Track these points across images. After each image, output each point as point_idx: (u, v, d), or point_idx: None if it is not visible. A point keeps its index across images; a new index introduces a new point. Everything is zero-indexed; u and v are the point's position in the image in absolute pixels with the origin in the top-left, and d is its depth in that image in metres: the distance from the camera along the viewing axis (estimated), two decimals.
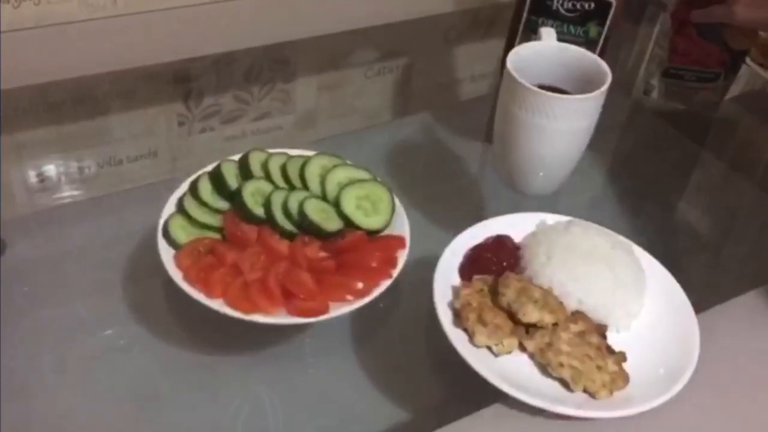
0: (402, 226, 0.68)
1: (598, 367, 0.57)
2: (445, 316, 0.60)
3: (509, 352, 0.59)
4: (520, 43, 0.79)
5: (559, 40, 0.76)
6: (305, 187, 0.70)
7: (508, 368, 0.58)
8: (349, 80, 1.04)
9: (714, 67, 0.91)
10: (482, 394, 0.56)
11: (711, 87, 0.93)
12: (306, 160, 0.72)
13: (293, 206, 0.67)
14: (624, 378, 0.58)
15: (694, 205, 0.87)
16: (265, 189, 0.69)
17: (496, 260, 0.65)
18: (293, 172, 0.71)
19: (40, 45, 0.84)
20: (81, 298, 0.67)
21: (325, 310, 0.60)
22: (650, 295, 0.64)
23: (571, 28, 0.79)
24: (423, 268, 0.63)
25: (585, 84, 0.71)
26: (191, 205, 0.67)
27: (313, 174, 0.71)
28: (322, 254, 0.65)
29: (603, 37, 0.79)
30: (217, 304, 0.60)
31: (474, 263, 0.65)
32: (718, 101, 0.95)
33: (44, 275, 0.69)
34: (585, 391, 0.57)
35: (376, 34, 1.02)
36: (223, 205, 0.68)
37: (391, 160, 0.85)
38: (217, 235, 0.67)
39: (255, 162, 0.70)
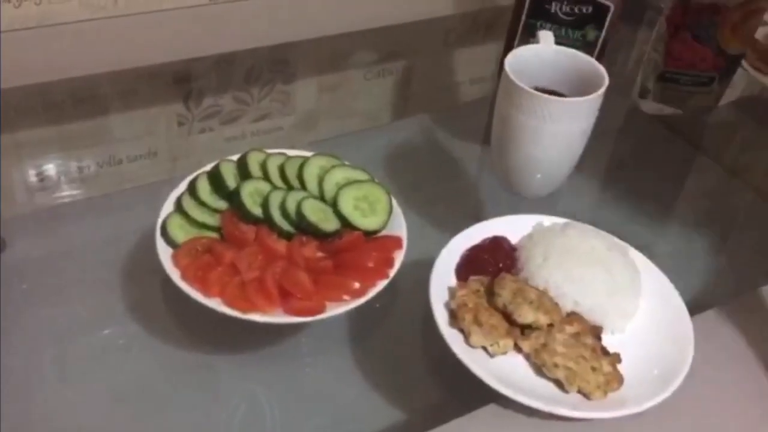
0: (399, 226, 0.68)
1: (593, 369, 0.58)
2: (441, 317, 0.60)
3: (504, 353, 0.59)
4: (518, 46, 0.79)
5: (557, 43, 0.76)
6: (303, 187, 0.70)
7: (503, 369, 0.58)
8: (348, 82, 1.04)
9: (708, 71, 0.91)
10: (477, 394, 0.57)
11: (706, 91, 0.93)
12: (304, 161, 0.72)
13: (291, 206, 0.67)
14: (618, 379, 0.58)
15: (689, 208, 0.87)
16: (264, 189, 0.69)
17: (492, 261, 0.66)
18: (291, 173, 0.71)
19: (40, 45, 0.85)
20: (80, 296, 0.67)
21: (321, 310, 0.61)
22: (645, 297, 0.65)
23: (569, 31, 0.80)
24: (420, 269, 0.63)
25: (582, 87, 0.71)
26: (189, 205, 0.68)
27: (311, 174, 0.71)
28: (320, 254, 0.66)
29: (601, 40, 0.80)
30: (215, 303, 0.60)
31: (470, 264, 0.65)
32: (714, 105, 0.95)
33: (44, 274, 0.69)
34: (579, 391, 0.57)
35: (375, 36, 1.03)
36: (221, 204, 0.68)
37: (389, 161, 0.85)
38: (215, 235, 0.67)
39: (253, 162, 0.71)
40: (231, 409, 0.60)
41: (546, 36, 0.76)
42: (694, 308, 0.63)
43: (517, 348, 0.60)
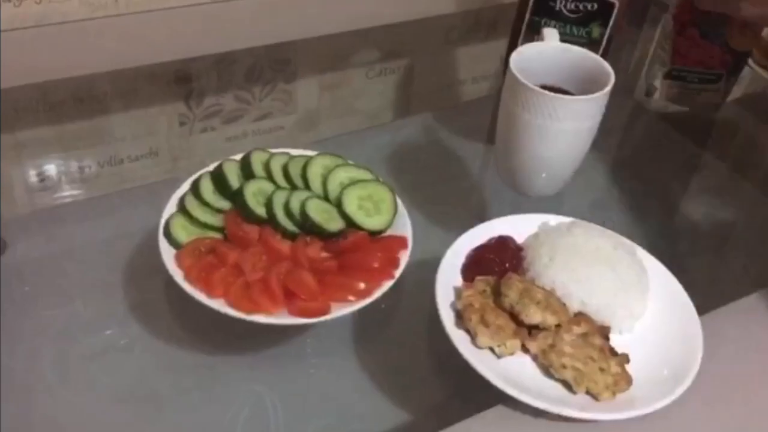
0: (404, 226, 0.68)
1: (601, 369, 0.57)
2: (447, 317, 0.60)
3: (512, 354, 0.59)
4: (522, 43, 0.79)
5: (562, 40, 0.76)
6: (307, 187, 0.70)
7: (510, 370, 0.58)
8: (350, 81, 1.04)
9: (716, 68, 0.91)
10: (484, 395, 0.56)
11: (713, 88, 0.93)
12: (308, 160, 0.71)
13: (295, 206, 0.67)
14: (627, 380, 0.57)
15: (696, 207, 0.86)
16: (267, 189, 0.68)
17: (498, 261, 0.65)
18: (295, 172, 0.71)
19: (40, 44, 0.84)
20: (81, 297, 0.67)
21: (326, 311, 0.60)
22: (653, 296, 0.64)
23: (574, 28, 0.79)
24: (425, 269, 0.63)
25: (588, 85, 0.70)
26: (193, 205, 0.67)
27: (315, 174, 0.70)
28: (324, 254, 0.65)
29: (606, 37, 0.79)
30: (219, 304, 0.59)
31: (476, 264, 0.65)
32: (720, 103, 0.95)
33: (44, 275, 0.68)
34: (587, 392, 0.57)
35: (377, 34, 1.02)
36: (224, 204, 0.68)
37: (392, 160, 0.85)
38: (218, 235, 0.66)
39: (257, 162, 0.70)
40: (235, 411, 0.59)
41: (551, 33, 0.76)
42: (703, 307, 0.63)
43: (525, 349, 0.59)
